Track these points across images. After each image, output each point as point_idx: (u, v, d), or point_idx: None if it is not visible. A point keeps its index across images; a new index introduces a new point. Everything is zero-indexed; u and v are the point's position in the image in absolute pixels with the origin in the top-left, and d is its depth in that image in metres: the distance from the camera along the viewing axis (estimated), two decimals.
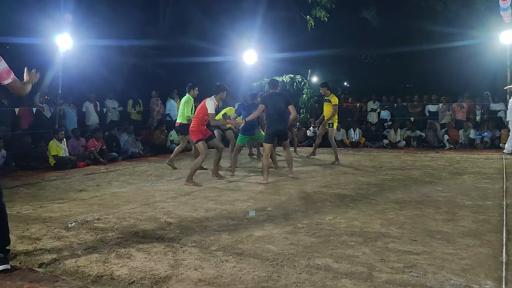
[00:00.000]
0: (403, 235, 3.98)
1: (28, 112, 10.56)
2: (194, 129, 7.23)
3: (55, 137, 9.52)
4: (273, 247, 3.68)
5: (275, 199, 5.74)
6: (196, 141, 7.23)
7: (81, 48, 10.99)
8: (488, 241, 3.75)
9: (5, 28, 9.97)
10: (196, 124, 7.22)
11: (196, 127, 7.20)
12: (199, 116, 7.22)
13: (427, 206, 5.14)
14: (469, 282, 2.89)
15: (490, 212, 4.79)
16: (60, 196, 6.19)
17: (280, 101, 7.39)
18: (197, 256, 3.47)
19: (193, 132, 7.24)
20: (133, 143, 11.53)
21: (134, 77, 14.90)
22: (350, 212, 4.90)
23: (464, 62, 16.25)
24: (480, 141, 12.72)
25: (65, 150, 9.64)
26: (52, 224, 4.54)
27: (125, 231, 4.23)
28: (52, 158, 9.30)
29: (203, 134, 7.25)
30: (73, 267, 3.27)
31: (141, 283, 2.96)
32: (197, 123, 7.22)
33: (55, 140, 9.46)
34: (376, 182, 7.01)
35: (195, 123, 7.24)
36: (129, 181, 7.50)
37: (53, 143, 9.39)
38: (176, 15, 15.59)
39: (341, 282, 2.92)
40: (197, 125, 7.21)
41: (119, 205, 5.49)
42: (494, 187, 6.34)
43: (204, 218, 4.73)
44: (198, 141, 7.18)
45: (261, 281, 2.96)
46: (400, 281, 2.91)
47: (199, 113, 7.23)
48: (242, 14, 16.05)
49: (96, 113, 12.43)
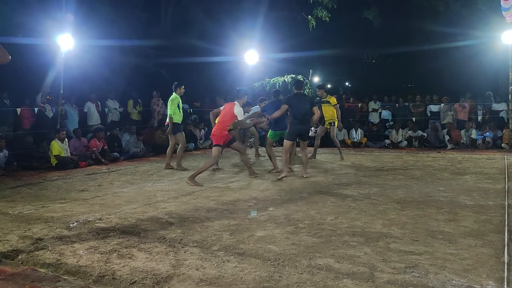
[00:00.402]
0: (405, 235, 3.97)
1: (30, 112, 10.59)
2: (216, 133, 7.27)
3: (56, 137, 9.53)
4: (275, 247, 3.68)
5: (276, 199, 5.74)
6: (215, 144, 7.29)
7: (82, 48, 11.00)
8: (490, 241, 3.75)
9: (7, 28, 9.99)
10: (219, 129, 7.25)
11: (218, 132, 7.25)
12: (223, 121, 7.29)
13: (428, 206, 5.13)
14: (471, 283, 2.88)
15: (492, 212, 4.78)
16: (62, 196, 6.20)
17: (305, 101, 7.58)
18: (198, 256, 3.47)
19: (215, 136, 7.29)
20: (134, 143, 11.55)
21: (135, 77, 14.92)
22: (352, 212, 4.90)
23: (466, 62, 16.24)
24: (482, 141, 12.70)
25: (66, 150, 9.64)
26: (54, 224, 4.55)
27: (127, 231, 4.23)
28: (53, 158, 9.31)
29: (224, 140, 7.30)
30: (75, 267, 3.27)
31: (142, 283, 2.96)
32: (220, 128, 7.25)
33: (57, 140, 9.46)
34: (378, 182, 7.00)
35: (219, 127, 7.28)
36: (130, 181, 7.50)
37: (55, 143, 9.39)
38: (178, 15, 15.61)
39: (342, 282, 2.92)
40: (220, 130, 7.24)
41: (121, 205, 5.50)
42: (496, 187, 6.33)
43: (205, 218, 4.73)
44: (216, 146, 7.23)
45: (263, 281, 2.96)
46: (402, 281, 2.91)
47: (224, 119, 7.30)
48: (243, 14, 16.06)
49: (98, 113, 12.46)
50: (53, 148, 9.36)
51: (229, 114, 7.23)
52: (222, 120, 7.32)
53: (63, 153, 9.47)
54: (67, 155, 9.56)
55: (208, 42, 15.52)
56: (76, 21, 10.60)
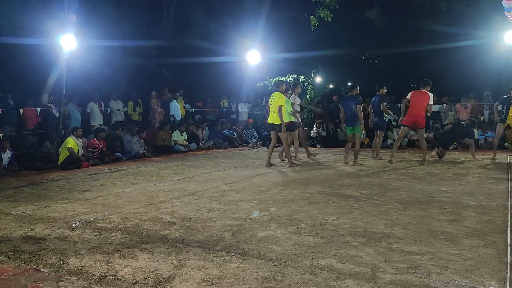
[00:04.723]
0: (407, 235, 3.97)
1: (33, 112, 10.61)
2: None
3: (73, 134, 9.82)
4: (277, 247, 3.68)
5: (278, 199, 5.74)
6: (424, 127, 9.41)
7: (85, 49, 11.01)
8: (492, 242, 3.74)
9: (10, 28, 10.01)
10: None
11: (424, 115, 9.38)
12: (423, 106, 9.19)
13: (431, 207, 5.13)
14: (474, 283, 2.88)
15: (495, 213, 4.77)
16: (64, 196, 6.21)
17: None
18: (200, 256, 3.47)
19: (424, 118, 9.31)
20: (137, 143, 11.56)
21: (138, 78, 14.94)
22: (354, 213, 4.89)
23: (468, 62, 16.23)
24: (484, 141, 12.67)
25: (81, 147, 9.79)
26: (56, 224, 4.56)
27: (129, 231, 4.24)
28: (64, 152, 9.37)
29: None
30: (77, 267, 3.28)
31: (144, 283, 2.97)
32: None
33: (73, 136, 9.72)
34: (380, 182, 7.00)
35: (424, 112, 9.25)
36: (132, 181, 7.51)
37: (71, 139, 9.62)
38: (180, 16, 15.61)
39: (344, 282, 2.92)
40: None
41: (123, 205, 5.51)
42: (498, 188, 6.32)
43: (207, 218, 4.74)
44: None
45: (265, 281, 2.96)
46: (404, 281, 2.91)
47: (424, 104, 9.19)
48: (245, 15, 16.09)
49: (101, 114, 12.48)
50: (68, 142, 9.44)
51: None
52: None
53: (77, 149, 9.63)
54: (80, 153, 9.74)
55: (210, 42, 15.55)
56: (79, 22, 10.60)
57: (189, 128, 13.78)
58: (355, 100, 9.41)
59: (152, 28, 14.82)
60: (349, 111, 9.43)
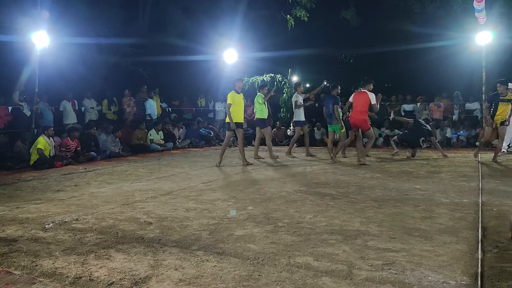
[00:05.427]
0: (382, 233, 4.03)
1: (4, 111, 10.34)
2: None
3: (44, 133, 9.57)
4: (254, 246, 3.68)
5: (255, 198, 5.75)
6: (368, 129, 9.21)
7: (58, 46, 10.81)
8: (464, 238, 3.83)
9: None
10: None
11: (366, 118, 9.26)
12: (364, 108, 9.09)
13: (405, 204, 5.21)
14: (446, 279, 2.94)
15: (466, 210, 4.88)
16: (37, 197, 6.08)
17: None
18: (177, 256, 3.45)
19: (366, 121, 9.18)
20: (112, 142, 11.40)
21: (113, 76, 14.73)
22: (330, 211, 4.94)
23: (442, 62, 16.58)
24: (456, 140, 12.95)
25: (52, 147, 9.56)
26: (29, 225, 4.46)
27: (104, 232, 4.17)
28: (35, 154, 9.14)
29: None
30: (51, 269, 3.22)
31: (120, 284, 2.93)
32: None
33: (44, 136, 9.48)
34: (356, 180, 7.08)
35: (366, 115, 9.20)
36: (108, 181, 7.41)
37: (42, 138, 9.39)
38: (156, 14, 15.48)
39: (321, 280, 2.95)
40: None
41: (98, 205, 5.42)
42: (470, 185, 6.47)
43: (184, 217, 4.71)
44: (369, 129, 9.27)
45: (242, 280, 2.96)
46: (379, 278, 2.95)
47: (365, 106, 9.10)
48: (222, 13, 16.04)
49: (74, 112, 12.26)
50: (38, 143, 9.21)
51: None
52: (363, 107, 9.19)
53: (49, 150, 9.36)
54: (52, 152, 9.53)
55: (186, 40, 15.46)
56: (52, 18, 10.39)
57: (166, 127, 13.66)
58: (333, 99, 9.88)
59: (127, 26, 14.65)
60: (328, 110, 10.09)
